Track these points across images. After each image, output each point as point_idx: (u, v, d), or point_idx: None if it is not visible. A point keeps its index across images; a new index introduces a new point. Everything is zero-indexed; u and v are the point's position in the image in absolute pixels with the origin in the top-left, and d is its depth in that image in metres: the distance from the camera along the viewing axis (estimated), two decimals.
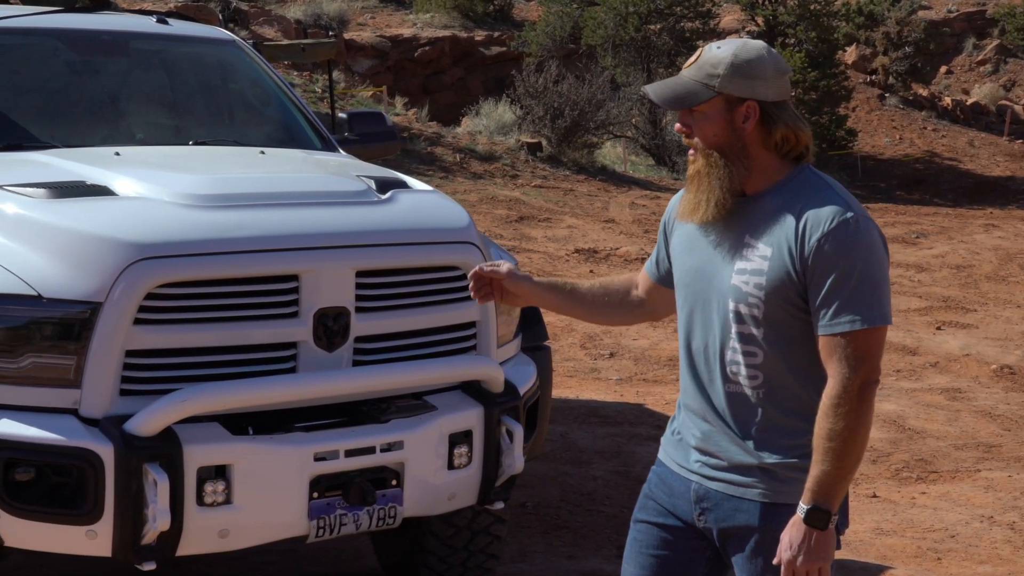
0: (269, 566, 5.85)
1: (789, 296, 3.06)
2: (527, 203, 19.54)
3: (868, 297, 3.01)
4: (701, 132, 3.13)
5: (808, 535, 3.00)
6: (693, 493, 3.27)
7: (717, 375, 3.20)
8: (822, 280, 3.01)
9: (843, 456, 2.97)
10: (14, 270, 4.09)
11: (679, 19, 31.58)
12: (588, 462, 7.76)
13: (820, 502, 2.99)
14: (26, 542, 4.09)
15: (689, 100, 3.12)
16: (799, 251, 3.03)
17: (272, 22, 28.19)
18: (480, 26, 35.85)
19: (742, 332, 3.13)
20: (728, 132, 3.12)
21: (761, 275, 3.08)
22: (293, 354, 4.31)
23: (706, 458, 3.24)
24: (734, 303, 3.12)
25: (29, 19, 5.89)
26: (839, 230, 3.01)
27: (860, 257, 3.01)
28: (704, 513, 3.25)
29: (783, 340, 3.10)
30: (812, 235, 3.02)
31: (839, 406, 2.98)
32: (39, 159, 4.97)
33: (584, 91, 24.48)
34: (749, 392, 3.14)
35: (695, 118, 3.14)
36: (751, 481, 3.16)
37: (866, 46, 36.83)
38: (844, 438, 2.97)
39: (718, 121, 3.11)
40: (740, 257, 3.13)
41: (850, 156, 31.84)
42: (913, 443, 8.50)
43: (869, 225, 3.06)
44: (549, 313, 12.13)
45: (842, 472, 2.98)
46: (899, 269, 16.63)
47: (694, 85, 3.12)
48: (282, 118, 6.33)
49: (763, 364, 3.12)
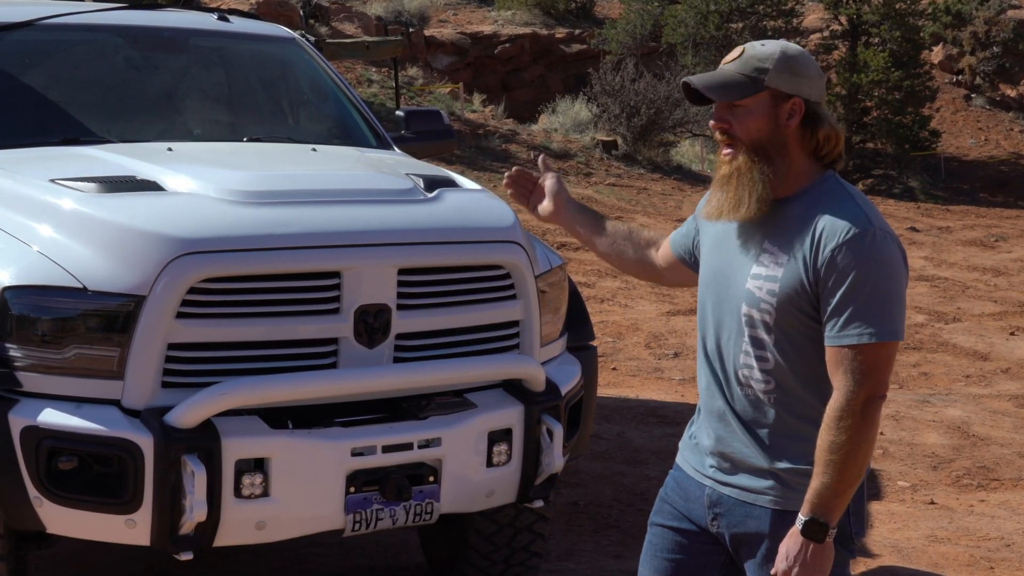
0: (316, 558, 5.92)
1: (801, 305, 3.04)
2: (600, 201, 19.53)
3: (879, 311, 2.97)
4: (743, 127, 3.09)
5: (805, 547, 2.98)
6: (707, 498, 3.26)
7: (732, 378, 3.19)
8: (834, 291, 2.98)
9: (844, 469, 2.95)
10: (61, 262, 4.18)
11: (761, 18, 31.45)
12: (643, 462, 7.75)
13: (819, 514, 2.97)
14: (67, 529, 4.18)
15: (738, 91, 3.08)
16: (813, 260, 3.01)
17: (352, 18, 28.40)
18: (561, 23, 35.86)
19: (754, 336, 3.13)
20: (772, 128, 3.09)
21: (775, 282, 3.07)
22: (334, 350, 4.35)
23: (720, 462, 3.24)
24: (747, 307, 3.12)
25: (92, 15, 6.00)
26: (854, 241, 2.98)
27: (874, 271, 2.97)
28: (717, 518, 3.24)
29: (793, 348, 3.08)
30: (827, 245, 2.99)
31: (842, 419, 2.95)
32: (93, 154, 5.07)
33: (661, 89, 24.41)
34: (762, 396, 3.14)
35: (736, 113, 3.10)
36: (763, 487, 3.16)
37: (953, 46, 36.36)
38: (846, 452, 2.94)
39: (762, 116, 3.08)
40: (757, 262, 3.12)
41: (933, 157, 31.47)
42: (976, 450, 8.39)
43: (887, 239, 3.02)
44: (604, 313, 12.11)
45: (842, 486, 2.97)
46: (975, 273, 16.42)
47: (740, 78, 3.09)
48: (338, 115, 6.39)
49: (774, 370, 3.11)
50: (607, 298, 13.27)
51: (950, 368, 10.98)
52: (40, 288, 4.12)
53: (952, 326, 12.68)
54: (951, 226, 21.80)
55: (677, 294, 13.63)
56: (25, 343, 4.10)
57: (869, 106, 31.58)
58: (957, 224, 22.21)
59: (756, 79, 3.07)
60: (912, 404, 9.48)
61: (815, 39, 34.20)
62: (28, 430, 4.05)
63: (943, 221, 22.84)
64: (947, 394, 10.03)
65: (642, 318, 12.41)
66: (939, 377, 10.65)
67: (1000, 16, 36.02)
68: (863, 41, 31.97)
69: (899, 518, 6.94)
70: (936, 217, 23.73)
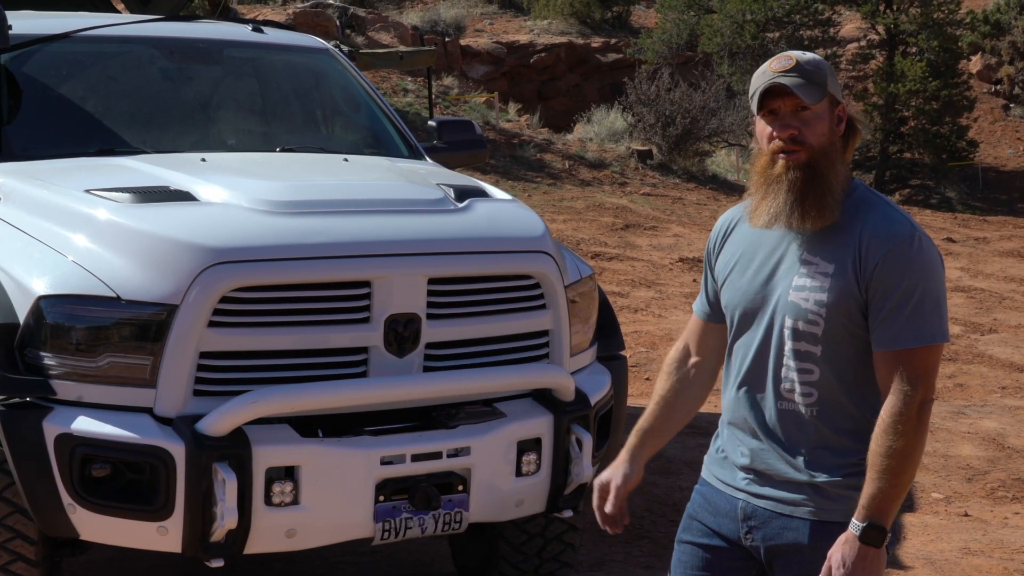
0: (348, 566, 5.94)
1: (851, 313, 3.05)
2: (634, 211, 19.52)
3: (930, 315, 3.01)
4: (813, 132, 3.07)
5: (863, 553, 2.97)
6: (740, 511, 3.24)
7: (770, 392, 3.17)
8: (885, 297, 3.01)
9: (900, 473, 2.96)
10: (95, 272, 4.23)
11: (798, 27, 31.33)
12: (676, 472, 7.74)
13: (876, 519, 2.97)
14: (100, 536, 4.24)
15: (817, 93, 3.07)
16: (862, 268, 3.03)
17: (389, 28, 28.52)
18: (597, 33, 35.88)
19: (798, 349, 3.11)
20: (832, 133, 3.11)
21: (823, 292, 3.07)
22: (364, 359, 4.39)
23: (754, 476, 3.22)
24: (792, 320, 3.10)
25: (128, 27, 6.07)
26: (901, 248, 3.01)
27: (922, 275, 3.01)
28: (752, 531, 3.21)
29: (840, 358, 3.08)
30: (877, 252, 3.02)
31: (899, 423, 2.97)
32: (127, 164, 5.13)
33: (697, 99, 24.39)
34: (803, 410, 3.12)
35: (804, 119, 3.08)
36: (800, 499, 3.14)
37: (991, 55, 36.13)
38: (903, 456, 2.96)
39: (827, 121, 3.10)
40: (798, 274, 3.11)
41: (971, 167, 31.28)
42: (1012, 462, 8.34)
43: (930, 243, 3.07)
44: (638, 323, 12.07)
45: (897, 490, 2.98)
46: (1012, 284, 16.31)
47: (812, 84, 3.07)
48: (370, 126, 6.44)
49: (818, 382, 3.10)
50: (641, 308, 13.26)
51: (986, 379, 10.92)
52: (75, 297, 4.18)
53: (988, 337, 12.60)
54: (988, 237, 21.66)
55: None
56: (59, 351, 4.16)
57: (906, 116, 31.43)
58: (994, 235, 22.07)
59: (821, 84, 3.07)
60: (947, 415, 9.42)
61: (852, 48, 34.07)
62: (62, 437, 4.10)
63: (980, 232, 22.70)
64: (982, 406, 9.97)
65: (676, 328, 12.39)
66: (975, 388, 10.59)
67: None
68: (901, 51, 31.81)
69: (932, 530, 6.91)
70: (973, 228, 23.58)
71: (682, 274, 15.37)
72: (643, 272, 15.09)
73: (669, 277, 15.11)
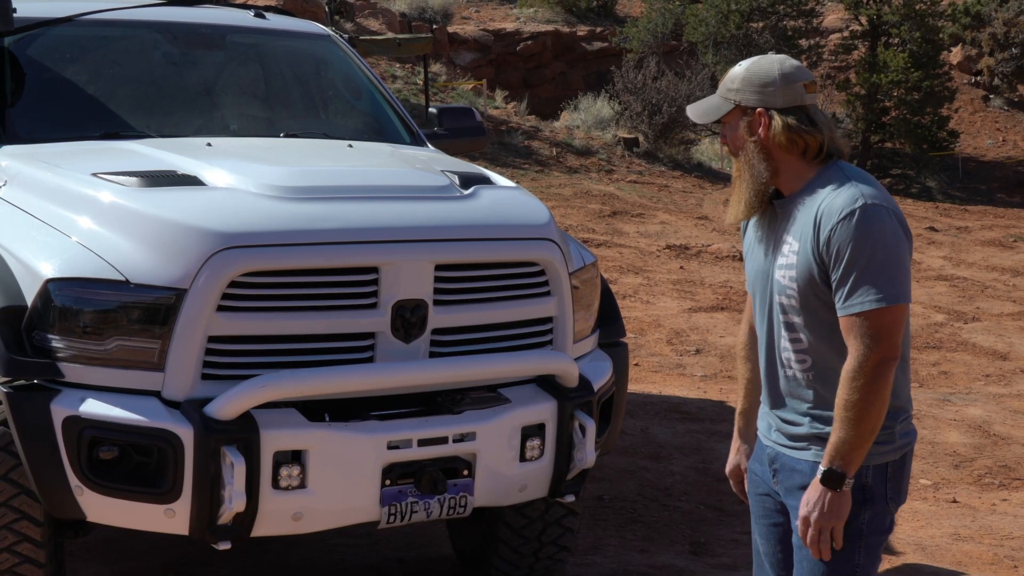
0: (346, 549, 5.98)
1: (816, 284, 3.37)
2: (621, 198, 19.56)
3: (879, 278, 3.27)
4: (731, 141, 3.54)
5: (823, 495, 3.34)
6: (767, 457, 3.63)
7: (778, 361, 3.56)
8: (837, 265, 3.31)
9: (858, 424, 3.27)
10: (103, 255, 4.24)
11: (781, 17, 31.37)
12: (667, 457, 7.80)
13: (836, 465, 3.32)
14: (107, 518, 4.26)
15: (712, 114, 3.55)
16: (816, 241, 3.34)
17: (377, 15, 28.44)
18: (583, 21, 35.83)
19: (787, 322, 3.48)
20: (747, 139, 3.48)
21: (793, 268, 3.42)
22: (371, 344, 4.41)
23: (779, 424, 3.58)
24: (778, 296, 3.49)
25: (132, 12, 6.08)
26: (848, 217, 3.29)
27: (869, 241, 3.27)
28: (776, 475, 3.59)
29: (821, 325, 3.40)
30: (826, 225, 3.32)
31: (854, 379, 3.28)
32: (133, 148, 5.14)
33: (683, 87, 24.44)
34: (800, 376, 3.49)
35: (726, 130, 3.55)
36: (806, 445, 3.50)
37: (972, 47, 36.22)
38: (859, 408, 3.27)
39: (738, 129, 3.50)
40: (779, 254, 3.48)
41: (951, 157, 31.38)
42: (998, 449, 8.42)
43: (880, 212, 3.31)
44: (626, 309, 12.14)
45: (858, 440, 3.29)
46: (993, 273, 16.42)
47: (717, 100, 3.54)
48: (372, 112, 6.45)
49: (809, 349, 3.46)
50: (629, 294, 13.31)
51: (970, 367, 11.01)
52: (83, 280, 4.19)
53: (971, 325, 12.69)
54: (970, 226, 21.78)
55: (699, 291, 13.67)
56: (67, 334, 4.17)
57: (888, 106, 31.49)
58: (976, 224, 22.18)
59: (727, 98, 3.50)
60: (932, 403, 9.51)
61: (835, 39, 34.11)
62: (70, 420, 4.12)
63: (961, 221, 22.81)
64: (967, 393, 10.06)
65: (664, 314, 12.45)
66: (959, 376, 10.68)
67: (1019, 17, 35.83)
68: (883, 41, 31.86)
69: (922, 516, 6.99)
70: (955, 217, 23.71)
71: (669, 261, 15.42)
72: (631, 259, 15.13)
73: (656, 264, 15.15)
